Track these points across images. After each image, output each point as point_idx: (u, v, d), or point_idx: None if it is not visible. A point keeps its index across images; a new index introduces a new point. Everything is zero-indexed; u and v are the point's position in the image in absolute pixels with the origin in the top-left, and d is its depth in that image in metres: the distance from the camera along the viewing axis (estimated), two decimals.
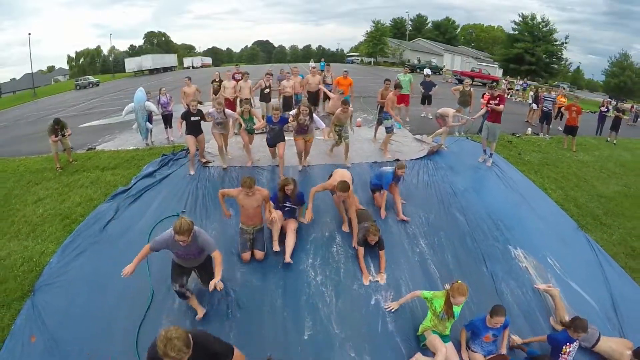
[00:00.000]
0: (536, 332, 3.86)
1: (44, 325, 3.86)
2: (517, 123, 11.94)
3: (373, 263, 4.54)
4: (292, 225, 4.80)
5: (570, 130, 9.73)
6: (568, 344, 3.44)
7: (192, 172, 6.54)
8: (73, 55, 61.60)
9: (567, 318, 3.79)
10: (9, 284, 4.52)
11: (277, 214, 4.58)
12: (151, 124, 8.65)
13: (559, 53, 38.54)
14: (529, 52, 35.97)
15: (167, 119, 8.77)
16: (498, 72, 35.85)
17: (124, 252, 4.60)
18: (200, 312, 3.84)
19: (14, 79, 51.49)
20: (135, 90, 8.84)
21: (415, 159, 7.18)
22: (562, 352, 3.43)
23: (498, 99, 6.98)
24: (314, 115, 6.39)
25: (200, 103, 8.47)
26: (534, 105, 12.30)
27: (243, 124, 6.75)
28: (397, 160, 6.85)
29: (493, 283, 4.29)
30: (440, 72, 32.46)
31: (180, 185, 6.12)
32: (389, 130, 7.27)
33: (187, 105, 9.00)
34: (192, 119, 6.35)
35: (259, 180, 6.18)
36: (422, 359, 3.46)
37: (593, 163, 9.42)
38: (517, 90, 19.75)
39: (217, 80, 10.08)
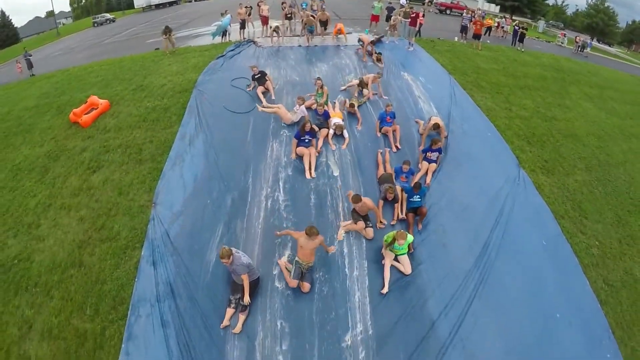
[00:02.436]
0: (401, 107, 9.75)
1: (204, 95, 9.54)
2: (452, 35, 16.68)
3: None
4: (313, 151, 6.78)
5: (476, 36, 15.11)
6: (430, 152, 7.00)
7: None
8: None
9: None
10: (175, 88, 10.05)
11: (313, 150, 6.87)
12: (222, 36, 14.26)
13: None
14: None
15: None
16: (486, 6, 38.93)
17: (233, 75, 10.30)
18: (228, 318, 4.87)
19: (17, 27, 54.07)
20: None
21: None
22: (428, 157, 7.01)
23: (414, 14, 12.85)
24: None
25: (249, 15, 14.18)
26: None
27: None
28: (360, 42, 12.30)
29: (392, 83, 10.22)
30: (423, 2, 36.01)
31: (249, 55, 11.85)
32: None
33: (242, 20, 14.31)
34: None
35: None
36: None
37: (488, 56, 14.37)
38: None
39: (248, 6, 15.34)
